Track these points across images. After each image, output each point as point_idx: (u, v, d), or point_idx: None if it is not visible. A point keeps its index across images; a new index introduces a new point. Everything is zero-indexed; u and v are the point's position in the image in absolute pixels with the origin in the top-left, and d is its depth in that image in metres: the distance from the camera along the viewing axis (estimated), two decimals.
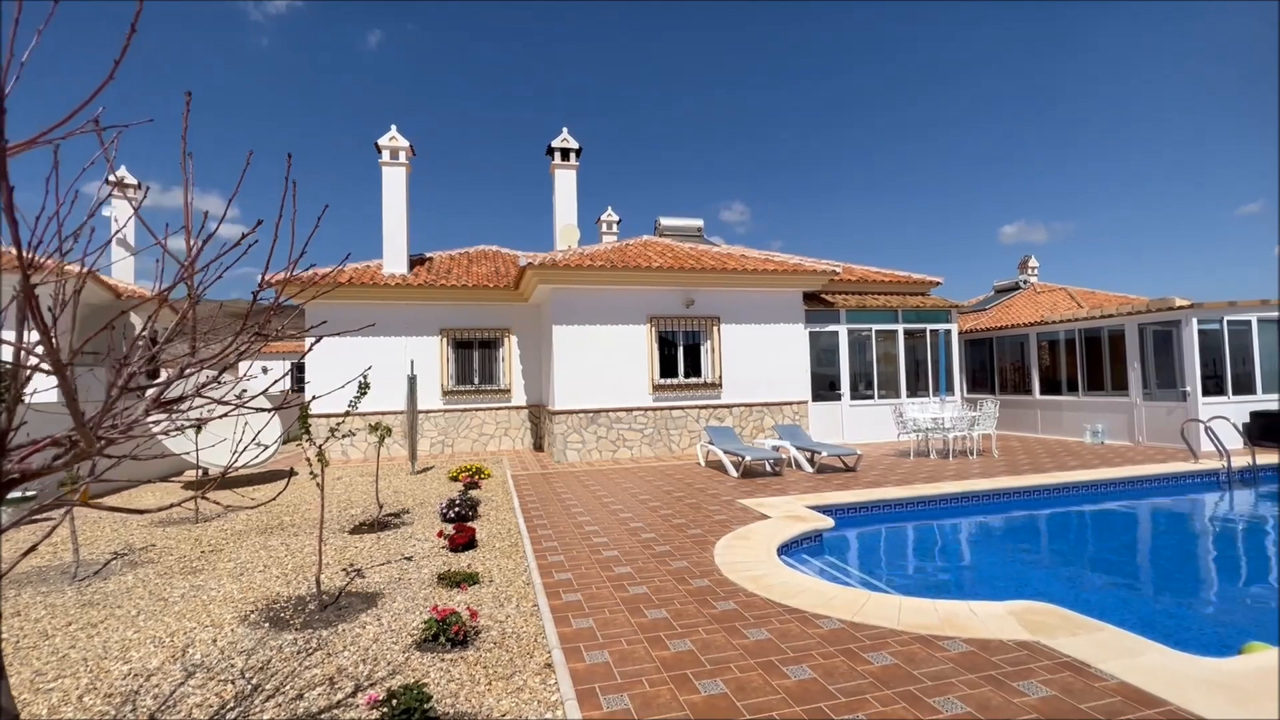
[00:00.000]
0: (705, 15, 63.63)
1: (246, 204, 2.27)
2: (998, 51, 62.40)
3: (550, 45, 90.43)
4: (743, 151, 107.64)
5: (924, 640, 3.62)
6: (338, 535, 6.45)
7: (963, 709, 2.87)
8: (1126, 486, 8.70)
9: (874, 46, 64.15)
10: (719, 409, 12.56)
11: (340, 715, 2.92)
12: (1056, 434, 13.99)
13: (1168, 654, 3.33)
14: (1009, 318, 16.63)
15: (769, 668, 3.32)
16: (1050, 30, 59.15)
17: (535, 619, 4.10)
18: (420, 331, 13.57)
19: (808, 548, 6.11)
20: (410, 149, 14.13)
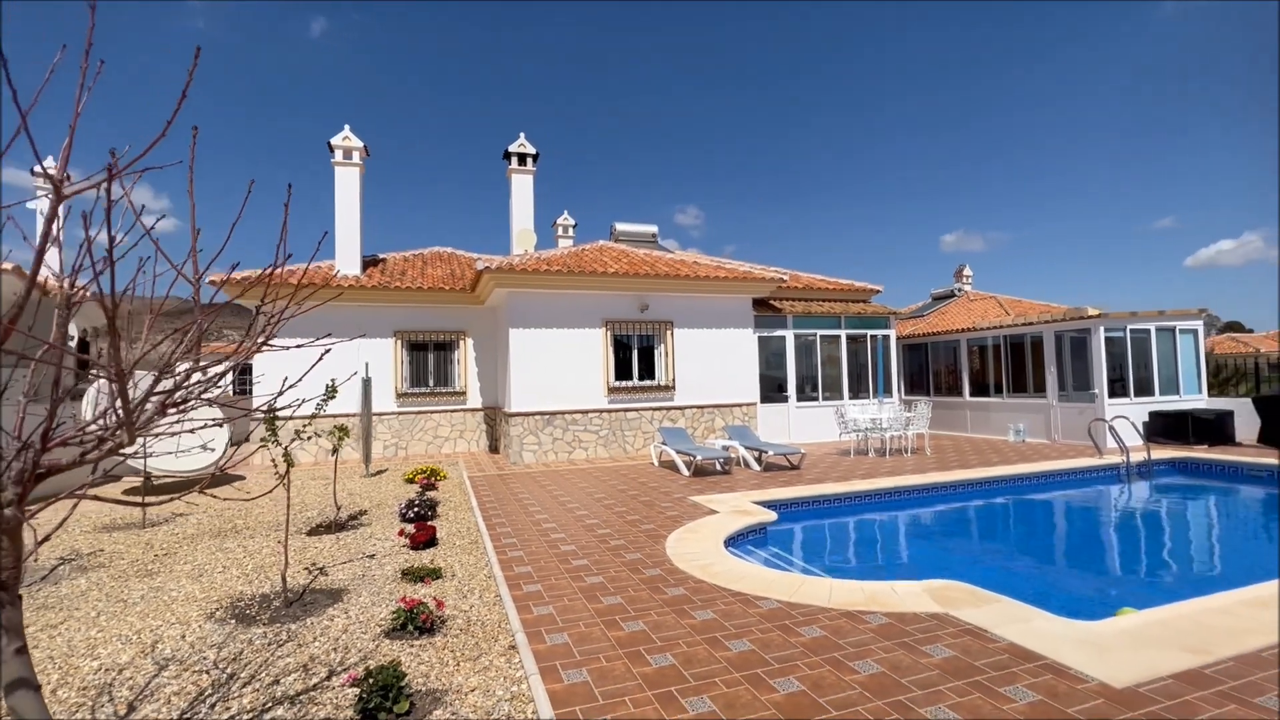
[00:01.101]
0: (663, 22, 64.61)
1: (184, 200, 2.08)
2: (942, 68, 65.63)
3: (505, 47, 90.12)
4: (697, 158, 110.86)
5: (850, 615, 4.07)
6: (296, 537, 6.50)
7: (878, 669, 3.31)
8: (1039, 480, 9.55)
9: (826, 57, 66.42)
10: (672, 411, 12.98)
11: (318, 696, 3.13)
12: (985, 433, 15.03)
13: (1051, 619, 3.88)
14: (944, 324, 17.70)
15: (713, 642, 3.70)
16: (988, 52, 62.63)
17: (498, 608, 4.37)
18: (374, 333, 13.47)
19: (753, 539, 6.55)
20: (364, 149, 14.04)
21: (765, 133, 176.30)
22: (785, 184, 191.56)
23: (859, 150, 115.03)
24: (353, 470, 11.48)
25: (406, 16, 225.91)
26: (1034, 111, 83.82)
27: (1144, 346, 12.94)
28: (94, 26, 1.45)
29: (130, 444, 1.67)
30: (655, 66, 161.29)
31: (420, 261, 15.79)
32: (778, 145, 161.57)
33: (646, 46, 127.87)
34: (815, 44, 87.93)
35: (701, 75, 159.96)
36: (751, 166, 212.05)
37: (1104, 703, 2.91)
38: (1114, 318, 12.56)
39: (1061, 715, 2.81)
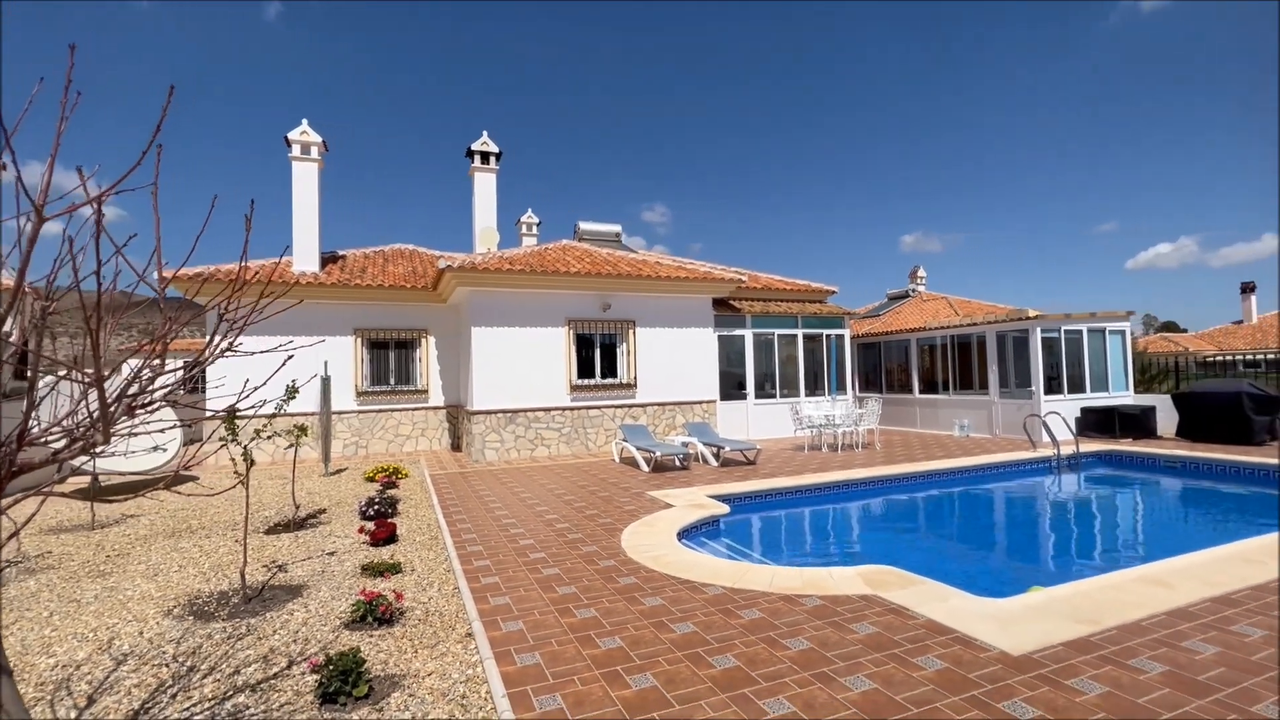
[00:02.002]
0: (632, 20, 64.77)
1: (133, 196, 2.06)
2: (905, 76, 67.50)
3: (468, 41, 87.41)
4: (665, 157, 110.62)
5: (788, 599, 4.38)
6: (254, 536, 6.52)
7: (807, 646, 3.61)
8: (976, 473, 10.14)
9: (793, 61, 67.57)
10: (634, 408, 13.23)
11: (278, 684, 3.27)
12: (933, 429, 15.73)
13: (967, 598, 4.26)
14: (897, 324, 18.41)
15: (660, 626, 3.95)
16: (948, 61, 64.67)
17: (456, 599, 4.54)
18: (333, 331, 13.34)
19: (706, 531, 6.85)
20: (323, 144, 13.85)
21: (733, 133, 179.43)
22: (752, 184, 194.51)
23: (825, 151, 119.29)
24: (311, 469, 11.39)
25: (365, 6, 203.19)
26: (992, 116, 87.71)
27: (1077, 346, 13.76)
28: (73, 65, 1.59)
29: (105, 443, 1.81)
30: (624, 64, 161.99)
31: (381, 259, 15.66)
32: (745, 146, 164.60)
33: (615, 45, 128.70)
34: (781, 47, 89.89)
35: (670, 74, 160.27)
36: (719, 166, 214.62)
37: (1001, 668, 3.27)
38: (1050, 319, 13.32)
39: (962, 680, 3.16)
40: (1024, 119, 74.57)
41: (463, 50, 64.15)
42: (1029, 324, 13.37)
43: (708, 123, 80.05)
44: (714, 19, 60.78)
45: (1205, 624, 3.76)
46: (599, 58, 66.81)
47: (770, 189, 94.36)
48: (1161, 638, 3.58)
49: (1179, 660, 3.30)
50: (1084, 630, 3.69)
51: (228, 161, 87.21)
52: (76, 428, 1.86)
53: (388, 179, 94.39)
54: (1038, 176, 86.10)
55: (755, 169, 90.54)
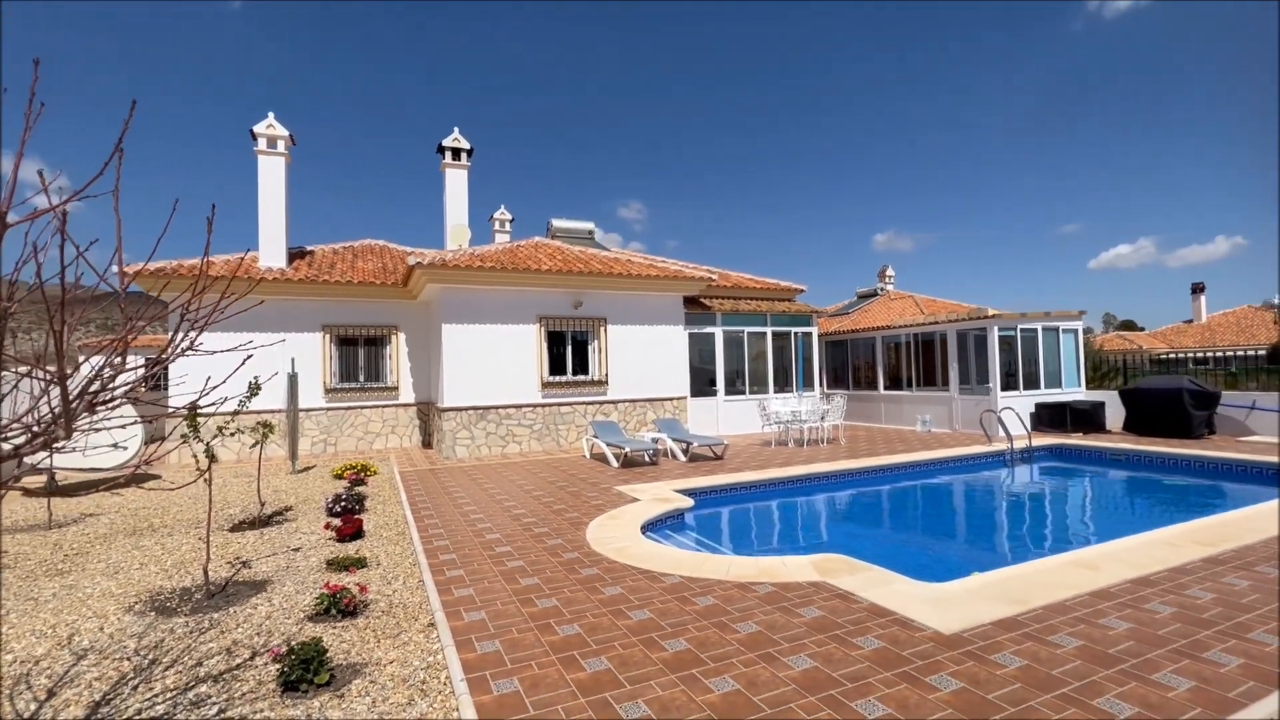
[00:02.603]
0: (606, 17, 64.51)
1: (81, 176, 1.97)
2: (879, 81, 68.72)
3: (440, 33, 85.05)
4: (641, 153, 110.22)
5: (742, 586, 4.58)
6: (218, 533, 6.51)
7: (756, 629, 3.81)
8: (934, 466, 10.52)
9: (770, 61, 68.22)
10: (605, 405, 13.37)
11: (241, 674, 3.34)
12: (896, 424, 16.18)
13: (910, 583, 4.51)
14: (865, 322, 18.84)
15: (618, 613, 4.11)
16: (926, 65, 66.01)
17: (420, 591, 4.64)
18: (301, 328, 13.20)
19: (671, 524, 7.03)
20: (290, 138, 13.68)
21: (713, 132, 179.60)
22: (731, 183, 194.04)
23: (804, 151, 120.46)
24: (278, 467, 11.29)
25: None
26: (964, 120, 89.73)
27: (1033, 345, 14.30)
28: (37, 79, 1.67)
29: (67, 438, 1.89)
30: (601, 61, 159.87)
31: (350, 254, 15.52)
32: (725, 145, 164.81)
33: (591, 41, 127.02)
34: (763, 49, 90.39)
35: (648, 72, 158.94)
36: (696, 164, 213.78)
37: (932, 646, 3.50)
38: (1007, 318, 13.82)
39: (896, 657, 3.38)
40: (994, 122, 76.50)
41: (433, 44, 63.39)
42: (987, 323, 13.85)
43: (686, 121, 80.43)
44: (696, 19, 61.07)
45: (1122, 603, 4.05)
46: (574, 54, 66.59)
47: (749, 188, 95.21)
48: (1081, 615, 3.86)
49: (1094, 636, 3.57)
50: (1012, 610, 3.95)
51: (191, 157, 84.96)
52: (37, 423, 1.93)
53: (355, 175, 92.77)
54: (1006, 178, 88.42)
55: (734, 168, 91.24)
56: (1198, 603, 4.01)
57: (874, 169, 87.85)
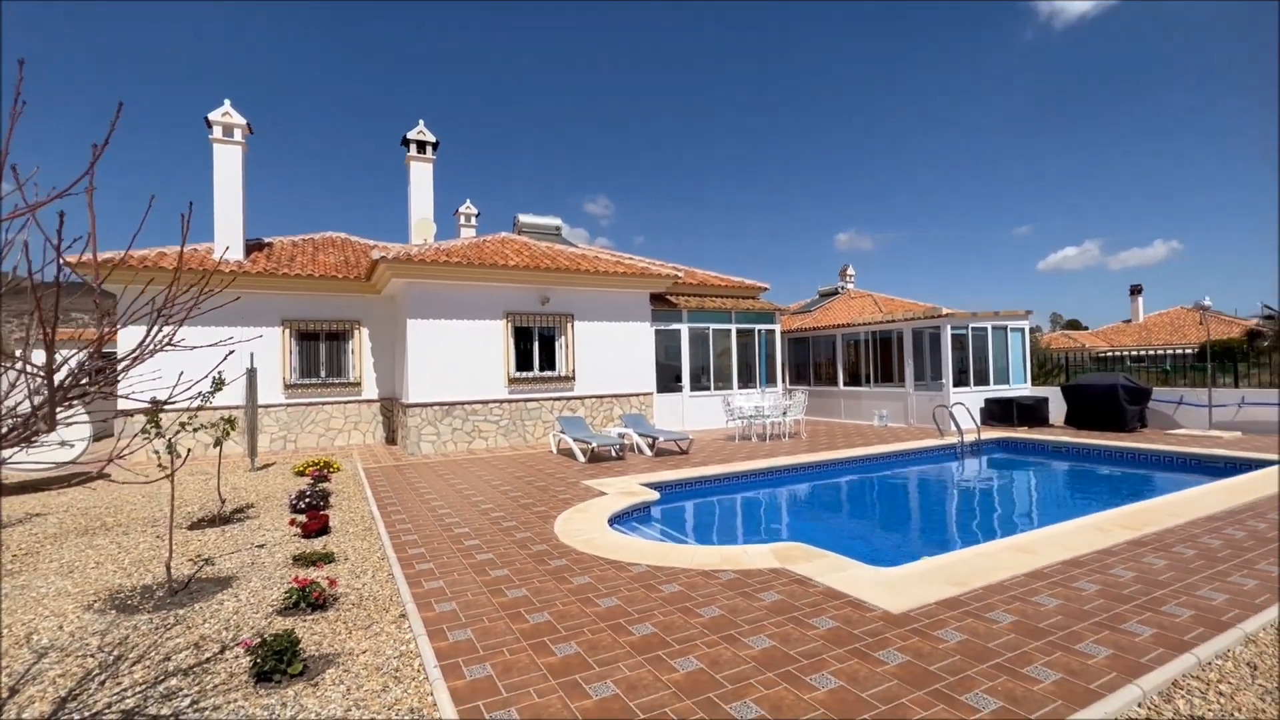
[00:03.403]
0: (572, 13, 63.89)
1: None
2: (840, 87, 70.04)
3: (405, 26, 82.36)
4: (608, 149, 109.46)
5: (705, 574, 4.77)
6: (178, 531, 6.38)
7: (719, 613, 4.00)
8: (889, 459, 10.96)
9: (730, 63, 68.85)
10: (572, 400, 13.45)
11: (211, 667, 3.37)
12: (855, 419, 16.70)
13: (863, 568, 4.77)
14: (826, 320, 19.35)
15: (585, 601, 4.25)
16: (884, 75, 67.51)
17: (390, 584, 4.69)
18: (259, 322, 12.88)
19: (637, 517, 7.20)
20: (247, 126, 13.30)
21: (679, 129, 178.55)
22: (697, 181, 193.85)
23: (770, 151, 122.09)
24: (236, 465, 11.04)
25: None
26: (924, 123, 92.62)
27: (983, 343, 14.96)
28: (22, 79, 1.70)
29: (49, 431, 1.92)
30: (567, 56, 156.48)
31: (311, 247, 15.18)
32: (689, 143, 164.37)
33: (557, 36, 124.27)
34: (727, 48, 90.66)
35: (615, 68, 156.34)
36: (663, 161, 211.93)
37: (882, 624, 3.75)
38: (959, 317, 14.42)
39: (849, 635, 3.61)
40: (951, 128, 78.93)
41: (395, 35, 61.79)
42: (941, 321, 14.43)
43: (653, 118, 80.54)
44: (662, 19, 61.14)
45: (1054, 582, 4.39)
46: (540, 49, 65.94)
47: (715, 186, 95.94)
48: (1017, 594, 4.17)
49: (1027, 612, 3.88)
50: (955, 591, 4.24)
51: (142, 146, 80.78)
52: (16, 415, 1.95)
53: (312, 166, 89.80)
54: (963, 181, 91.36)
55: (701, 166, 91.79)
56: (1120, 580, 4.38)
57: (837, 171, 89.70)
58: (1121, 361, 26.85)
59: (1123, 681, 2.99)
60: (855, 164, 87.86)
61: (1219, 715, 2.79)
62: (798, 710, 2.83)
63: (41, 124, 1.89)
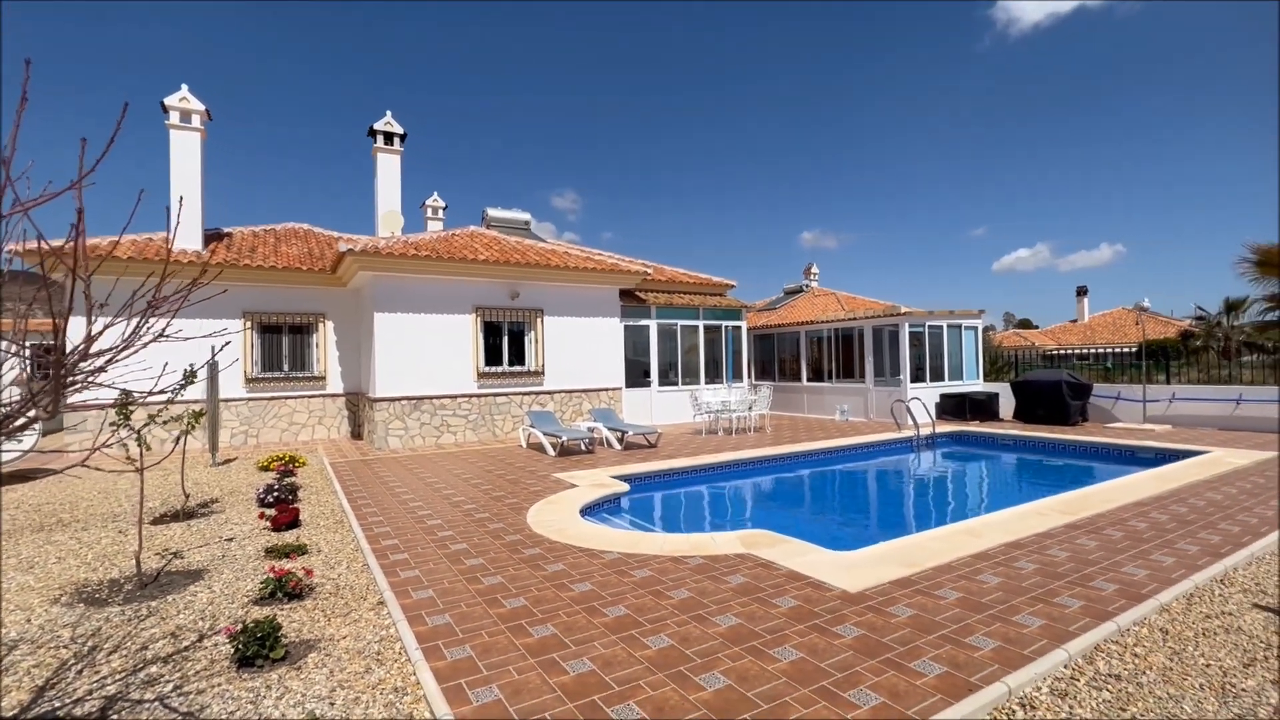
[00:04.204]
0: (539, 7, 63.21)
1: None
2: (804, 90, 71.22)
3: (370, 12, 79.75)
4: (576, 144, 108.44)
5: (675, 559, 4.98)
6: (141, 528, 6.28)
7: (688, 595, 4.20)
8: (850, 451, 11.39)
9: (696, 66, 69.33)
10: (541, 395, 13.52)
11: (191, 654, 3.41)
12: (818, 414, 17.19)
13: (823, 552, 5.05)
14: (791, 317, 19.81)
15: (560, 586, 4.41)
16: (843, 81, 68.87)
17: (366, 574, 4.76)
18: (219, 314, 12.55)
19: (608, 508, 7.37)
20: (205, 113, 12.93)
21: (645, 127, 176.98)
22: (664, 178, 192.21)
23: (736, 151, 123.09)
24: (195, 460, 10.79)
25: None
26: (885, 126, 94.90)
27: (939, 340, 15.58)
28: (28, 79, 1.76)
29: (52, 416, 1.97)
30: (535, 50, 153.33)
31: (273, 238, 14.85)
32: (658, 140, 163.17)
33: (525, 30, 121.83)
34: (686, 49, 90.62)
35: (582, 64, 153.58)
36: (630, 158, 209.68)
37: (840, 602, 4.01)
38: (917, 315, 14.99)
39: (809, 612, 3.86)
40: (913, 133, 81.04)
41: (358, 24, 60.08)
42: (900, 319, 14.98)
43: (622, 114, 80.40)
44: (627, 16, 61.06)
45: (997, 562, 4.74)
46: (507, 42, 65.09)
47: (683, 184, 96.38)
48: (964, 574, 4.50)
49: (971, 589, 4.19)
50: (908, 571, 4.54)
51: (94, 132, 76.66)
52: (22, 398, 2.01)
53: (273, 157, 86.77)
54: (923, 184, 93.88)
55: (669, 164, 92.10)
56: (1055, 560, 4.75)
57: (802, 172, 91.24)
58: (1068, 359, 28.16)
59: (1052, 646, 3.31)
60: (820, 165, 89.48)
61: (1132, 672, 3.12)
62: (763, 679, 3.05)
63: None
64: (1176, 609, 3.87)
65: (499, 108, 79.20)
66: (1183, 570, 4.45)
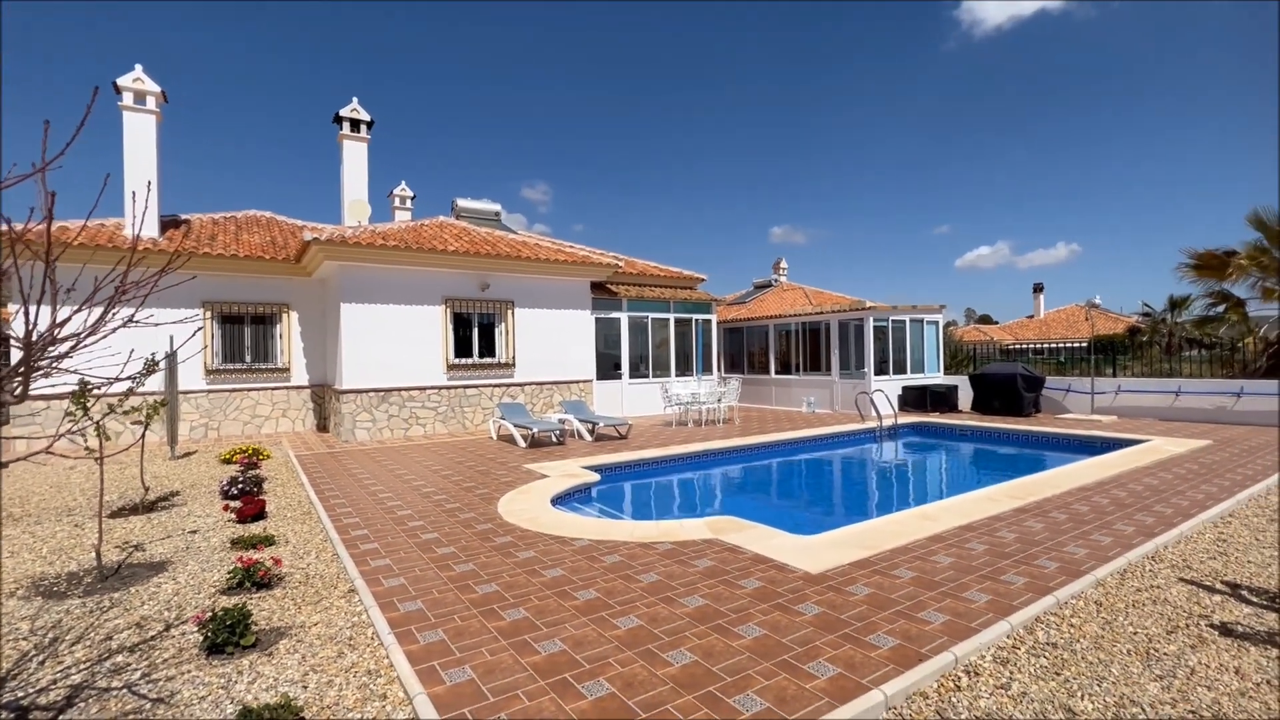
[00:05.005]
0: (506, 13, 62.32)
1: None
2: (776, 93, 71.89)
3: None
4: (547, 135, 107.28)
5: (644, 545, 5.10)
6: (97, 520, 6.13)
7: (657, 578, 4.33)
8: (816, 441, 11.69)
9: (668, 63, 69.42)
10: (512, 387, 13.50)
11: (159, 644, 3.39)
12: (785, 406, 17.54)
13: (787, 537, 5.23)
14: (760, 311, 20.11)
15: (532, 572, 4.49)
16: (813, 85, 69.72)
17: (336, 564, 4.76)
18: (177, 304, 12.18)
19: (579, 498, 7.45)
20: (161, 94, 12.50)
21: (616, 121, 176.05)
22: (632, 176, 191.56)
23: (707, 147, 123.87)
24: (153, 454, 10.50)
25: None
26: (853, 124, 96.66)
27: (901, 334, 16.04)
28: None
29: (19, 402, 1.97)
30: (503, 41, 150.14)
31: (233, 226, 14.45)
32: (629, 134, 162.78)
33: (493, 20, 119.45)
34: (659, 49, 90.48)
35: (555, 59, 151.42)
36: (602, 151, 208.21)
37: (802, 583, 4.18)
38: (880, 310, 15.40)
39: (773, 592, 4.02)
40: (881, 132, 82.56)
41: (323, 10, 58.17)
42: (864, 314, 15.36)
43: (592, 107, 79.87)
44: (603, 15, 60.71)
45: (950, 544, 4.98)
46: (477, 33, 63.99)
47: (654, 177, 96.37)
48: (919, 555, 4.72)
49: (925, 568, 4.42)
50: (867, 554, 4.75)
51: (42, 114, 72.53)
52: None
53: (231, 143, 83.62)
54: (890, 182, 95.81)
55: (641, 158, 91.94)
56: (1004, 541, 5.02)
57: (773, 169, 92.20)
58: (1024, 353, 29.19)
59: (997, 619, 3.53)
60: (790, 163, 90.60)
61: (1068, 640, 3.36)
62: (727, 654, 3.19)
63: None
64: (1111, 583, 4.15)
65: (470, 98, 77.95)
66: (1118, 548, 4.75)
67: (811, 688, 2.86)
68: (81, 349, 2.28)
